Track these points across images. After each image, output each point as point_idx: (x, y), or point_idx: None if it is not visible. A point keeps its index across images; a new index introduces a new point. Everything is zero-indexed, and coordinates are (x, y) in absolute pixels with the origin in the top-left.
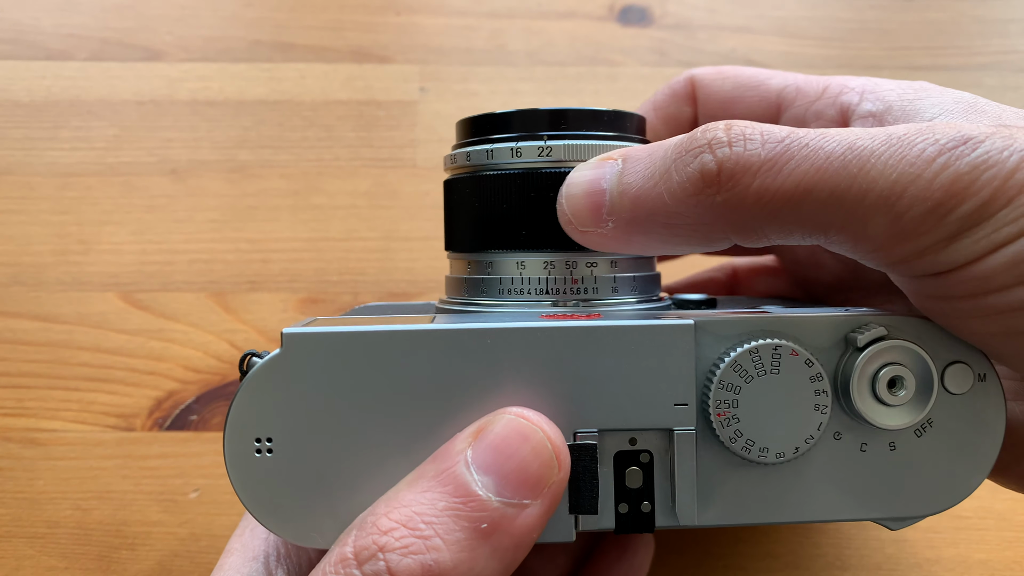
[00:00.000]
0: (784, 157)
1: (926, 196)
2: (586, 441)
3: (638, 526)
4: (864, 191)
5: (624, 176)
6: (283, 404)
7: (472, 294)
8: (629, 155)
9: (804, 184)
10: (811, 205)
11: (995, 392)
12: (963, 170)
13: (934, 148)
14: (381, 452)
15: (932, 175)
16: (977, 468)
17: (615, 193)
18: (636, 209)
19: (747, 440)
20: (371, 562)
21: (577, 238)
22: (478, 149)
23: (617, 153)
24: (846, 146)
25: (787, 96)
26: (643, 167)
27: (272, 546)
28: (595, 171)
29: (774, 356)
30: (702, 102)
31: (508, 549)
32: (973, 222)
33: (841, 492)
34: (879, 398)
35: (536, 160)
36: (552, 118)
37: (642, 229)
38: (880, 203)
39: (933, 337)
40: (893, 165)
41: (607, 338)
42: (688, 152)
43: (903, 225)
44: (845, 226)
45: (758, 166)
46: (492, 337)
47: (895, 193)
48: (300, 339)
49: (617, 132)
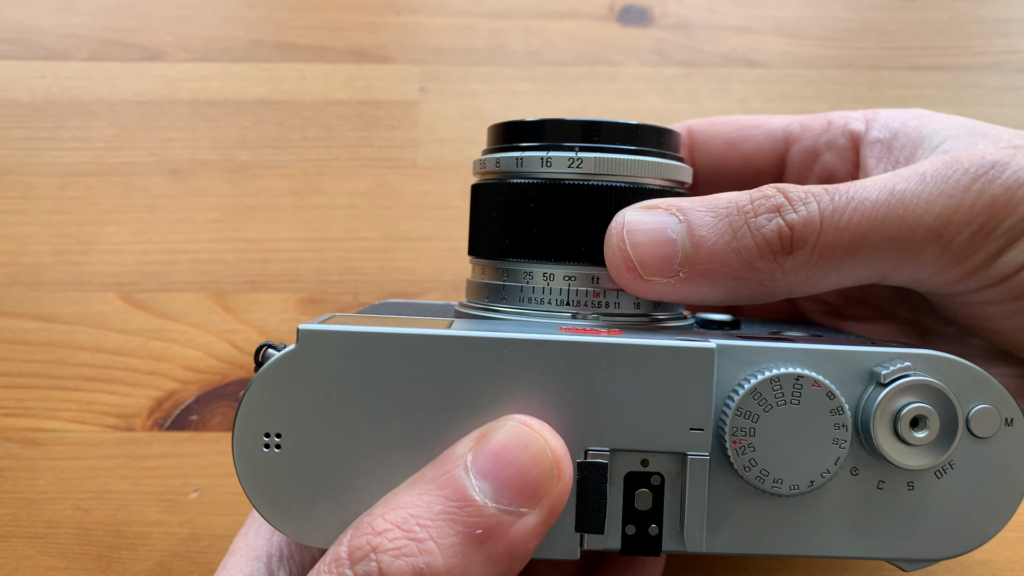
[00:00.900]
0: (839, 212)
1: (970, 220)
2: (597, 460)
3: (644, 549)
4: (913, 228)
5: (695, 230)
6: (294, 400)
7: (492, 300)
8: (686, 208)
9: (860, 233)
10: (868, 251)
11: (1021, 438)
12: (998, 192)
13: (967, 178)
14: (388, 454)
15: (971, 201)
16: (997, 515)
17: (688, 245)
18: (711, 262)
19: (761, 470)
20: (363, 562)
21: (635, 286)
22: (508, 156)
23: (665, 203)
24: (888, 192)
25: (792, 132)
26: (712, 222)
27: (275, 546)
28: (655, 219)
29: (795, 386)
30: (702, 145)
31: (502, 557)
32: (1017, 234)
33: (854, 529)
34: (900, 436)
35: (566, 171)
36: (585, 129)
37: (710, 283)
38: (930, 236)
39: (961, 377)
40: (935, 200)
41: (625, 356)
42: (759, 215)
43: (954, 250)
44: (901, 263)
45: (819, 224)
46: (508, 347)
47: (941, 224)
48: (316, 336)
49: (650, 147)
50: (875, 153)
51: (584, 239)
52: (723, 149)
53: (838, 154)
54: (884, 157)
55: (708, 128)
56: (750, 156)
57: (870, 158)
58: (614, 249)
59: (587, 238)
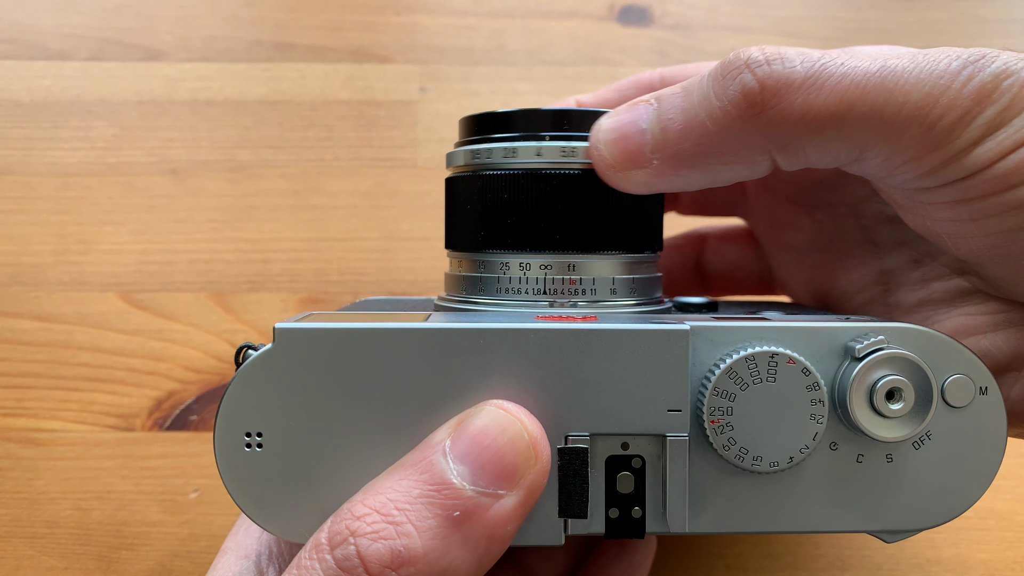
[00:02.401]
0: (824, 74)
1: (956, 104)
2: (577, 445)
3: (628, 532)
4: (901, 104)
5: (663, 113)
6: (274, 399)
7: (470, 292)
8: (662, 95)
9: (846, 100)
10: (853, 120)
11: (996, 406)
12: (986, 79)
13: (958, 63)
14: (370, 449)
15: (960, 85)
16: (976, 483)
17: (656, 130)
18: (681, 141)
19: (741, 448)
20: (342, 547)
21: (618, 182)
22: (477, 148)
23: (647, 95)
24: (880, 64)
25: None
26: (680, 101)
27: (264, 545)
28: (628, 114)
29: (770, 364)
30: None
31: (481, 540)
32: (995, 126)
33: (836, 503)
34: (877, 409)
35: (535, 160)
36: (552, 118)
37: (687, 161)
38: (916, 114)
39: (934, 348)
40: (924, 79)
41: (601, 341)
42: (726, 76)
43: (935, 134)
44: (882, 139)
45: (800, 82)
46: (485, 337)
47: (928, 104)
48: (292, 334)
49: None
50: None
51: (558, 227)
52: None
53: None
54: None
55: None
56: None
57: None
58: (591, 151)
59: (561, 226)
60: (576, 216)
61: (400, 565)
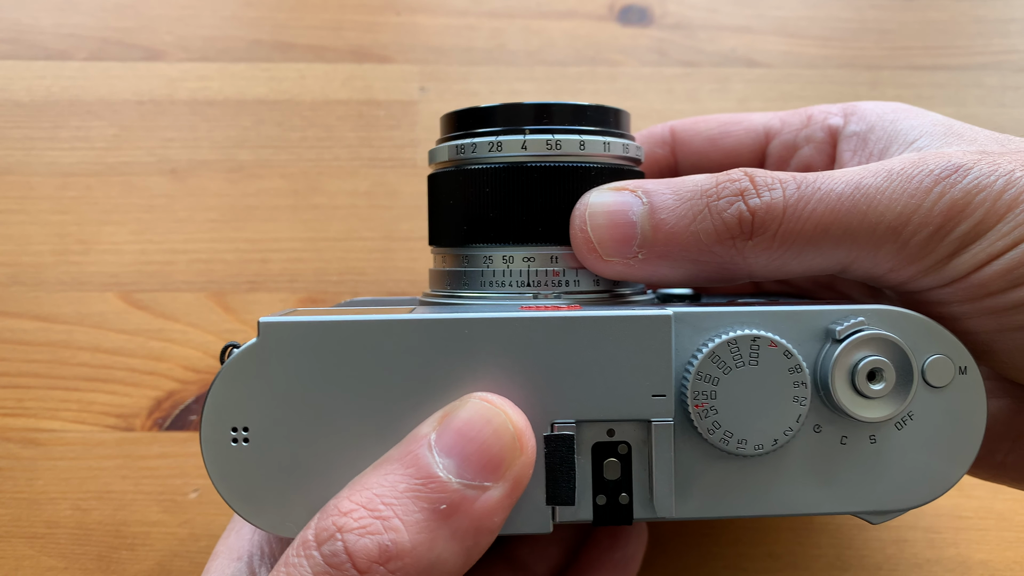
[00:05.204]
0: (803, 201)
1: (928, 222)
2: (563, 432)
3: (616, 518)
4: (874, 225)
5: (655, 212)
6: (259, 393)
7: (455, 287)
8: (651, 191)
9: (822, 224)
10: (829, 242)
11: (976, 385)
12: (957, 196)
13: (930, 179)
14: (356, 442)
15: (931, 203)
16: (958, 462)
17: (647, 227)
18: (669, 244)
19: (725, 432)
20: (329, 543)
21: (596, 266)
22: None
23: (632, 184)
24: (853, 186)
25: (772, 127)
26: (672, 203)
27: (256, 546)
28: (617, 201)
29: (752, 348)
30: (683, 143)
31: (468, 532)
32: (971, 239)
33: (821, 485)
34: (858, 390)
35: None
36: (534, 112)
37: (669, 264)
38: (889, 233)
39: (914, 330)
40: (897, 198)
41: (584, 329)
42: (721, 198)
43: (910, 250)
44: (860, 257)
45: (781, 211)
46: (469, 327)
47: (901, 222)
48: (276, 328)
49: (599, 127)
50: (851, 146)
51: (540, 220)
52: (705, 145)
53: (816, 148)
54: (859, 150)
55: (690, 126)
56: (731, 151)
57: (846, 151)
58: (576, 229)
59: (543, 219)
60: (558, 209)
61: (388, 560)
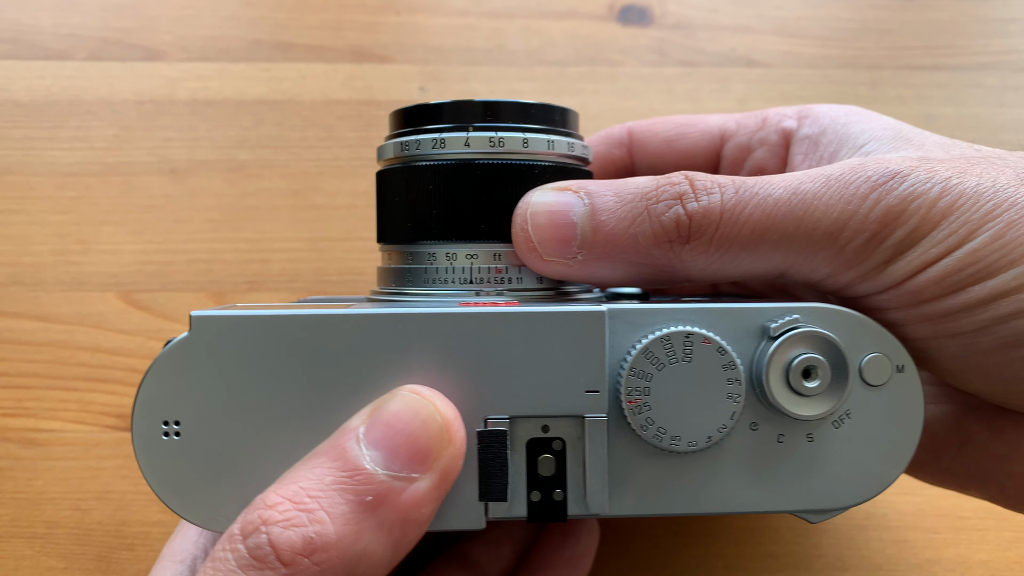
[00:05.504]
0: (740, 206)
1: (863, 228)
2: (496, 428)
3: (550, 515)
4: (810, 230)
5: (596, 214)
6: (191, 387)
7: (400, 284)
8: (593, 192)
9: (759, 229)
10: (766, 247)
11: (913, 384)
12: (893, 202)
13: (867, 185)
14: (289, 437)
15: (867, 209)
16: (896, 460)
17: (587, 229)
18: (608, 245)
19: (659, 428)
20: (254, 536)
21: (537, 265)
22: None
23: (576, 185)
24: (792, 191)
25: (728, 129)
26: (613, 206)
27: (201, 548)
28: (558, 201)
29: (686, 344)
30: (640, 144)
31: (395, 523)
32: (906, 246)
33: (758, 484)
34: (793, 388)
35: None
36: (481, 110)
37: (609, 266)
38: (825, 239)
39: (851, 328)
40: (833, 204)
41: (518, 324)
42: (660, 202)
43: (846, 256)
44: (796, 262)
45: (718, 215)
46: (403, 323)
47: (837, 228)
48: (208, 322)
49: (544, 125)
50: (803, 149)
51: (483, 217)
52: (661, 147)
53: (769, 150)
54: (811, 153)
55: (647, 128)
56: (687, 153)
57: (798, 154)
58: (517, 228)
59: (486, 216)
60: (501, 206)
61: (312, 552)
